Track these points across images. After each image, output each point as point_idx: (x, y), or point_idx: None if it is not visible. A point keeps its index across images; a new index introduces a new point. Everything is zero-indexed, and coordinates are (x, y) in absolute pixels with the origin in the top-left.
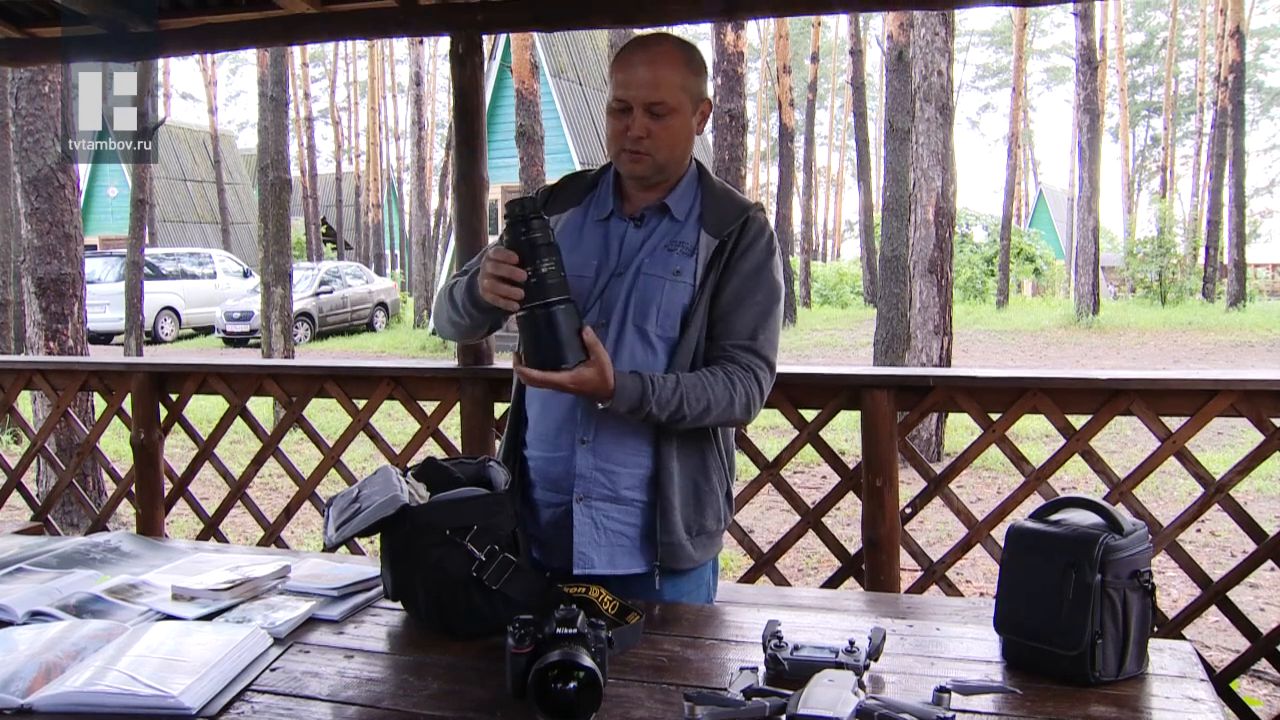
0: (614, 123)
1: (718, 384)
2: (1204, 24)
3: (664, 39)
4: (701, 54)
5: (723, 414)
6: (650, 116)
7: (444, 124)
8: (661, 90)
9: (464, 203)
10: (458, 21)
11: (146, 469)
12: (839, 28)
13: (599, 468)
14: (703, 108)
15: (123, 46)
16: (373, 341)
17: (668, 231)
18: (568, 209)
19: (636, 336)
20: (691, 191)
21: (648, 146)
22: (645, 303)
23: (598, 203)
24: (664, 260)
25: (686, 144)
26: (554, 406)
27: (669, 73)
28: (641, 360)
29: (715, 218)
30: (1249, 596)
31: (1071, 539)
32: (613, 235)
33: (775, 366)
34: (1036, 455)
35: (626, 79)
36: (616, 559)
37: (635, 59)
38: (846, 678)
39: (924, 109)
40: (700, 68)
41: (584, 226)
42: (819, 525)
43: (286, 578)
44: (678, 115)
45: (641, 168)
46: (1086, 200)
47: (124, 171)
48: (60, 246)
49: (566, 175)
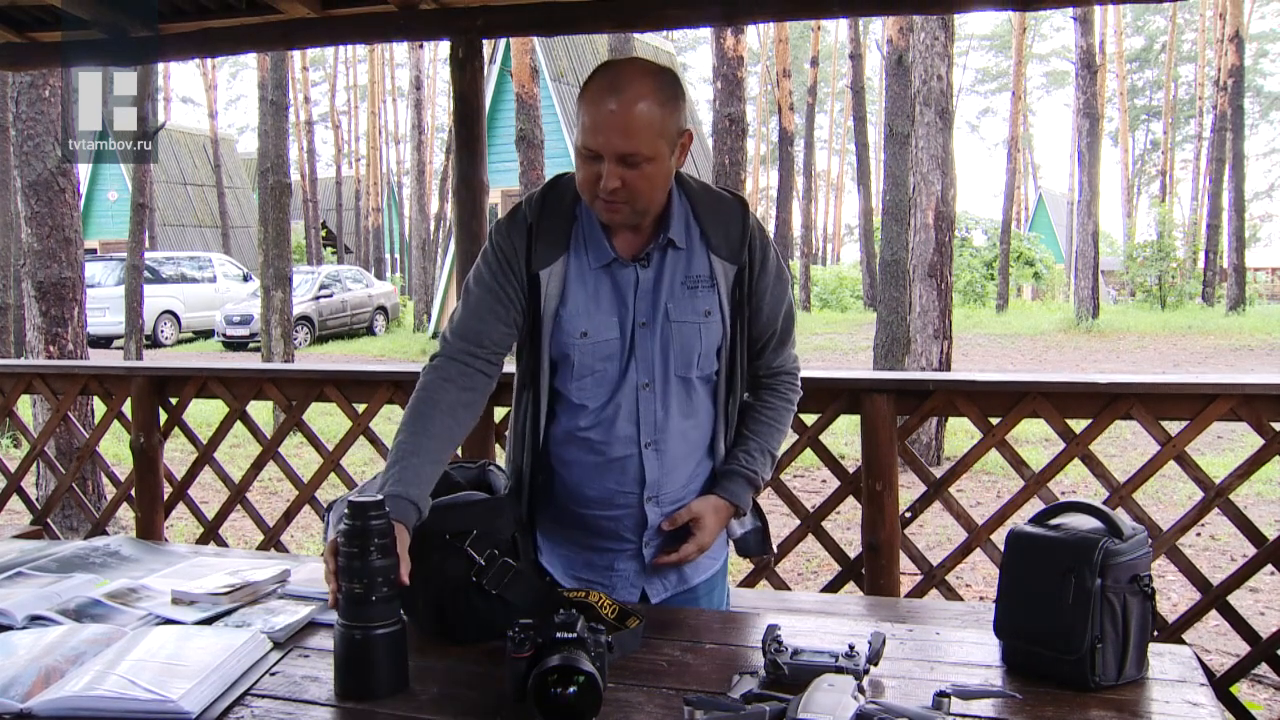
0: (584, 168)
1: (781, 413)
2: (1203, 28)
3: (634, 74)
4: (677, 80)
5: (789, 426)
6: (624, 166)
7: (444, 128)
8: (635, 139)
9: (464, 207)
10: (458, 26)
11: (146, 473)
12: (839, 32)
13: (664, 514)
14: (682, 141)
15: (123, 51)
16: (372, 345)
17: (676, 264)
18: (556, 259)
19: (680, 386)
20: (682, 208)
21: (623, 196)
22: (686, 352)
23: (590, 246)
24: (689, 302)
25: (666, 185)
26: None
27: (643, 118)
28: (688, 406)
29: (720, 237)
30: (1249, 600)
31: (1071, 543)
32: (624, 284)
33: None
34: (1036, 459)
35: (595, 124)
36: (677, 581)
37: (604, 102)
38: (846, 682)
39: (924, 113)
40: (676, 100)
41: (585, 278)
42: (819, 529)
43: (286, 582)
44: (655, 163)
45: (619, 218)
46: (1086, 204)
47: (124, 175)
48: (60, 250)
49: (531, 211)
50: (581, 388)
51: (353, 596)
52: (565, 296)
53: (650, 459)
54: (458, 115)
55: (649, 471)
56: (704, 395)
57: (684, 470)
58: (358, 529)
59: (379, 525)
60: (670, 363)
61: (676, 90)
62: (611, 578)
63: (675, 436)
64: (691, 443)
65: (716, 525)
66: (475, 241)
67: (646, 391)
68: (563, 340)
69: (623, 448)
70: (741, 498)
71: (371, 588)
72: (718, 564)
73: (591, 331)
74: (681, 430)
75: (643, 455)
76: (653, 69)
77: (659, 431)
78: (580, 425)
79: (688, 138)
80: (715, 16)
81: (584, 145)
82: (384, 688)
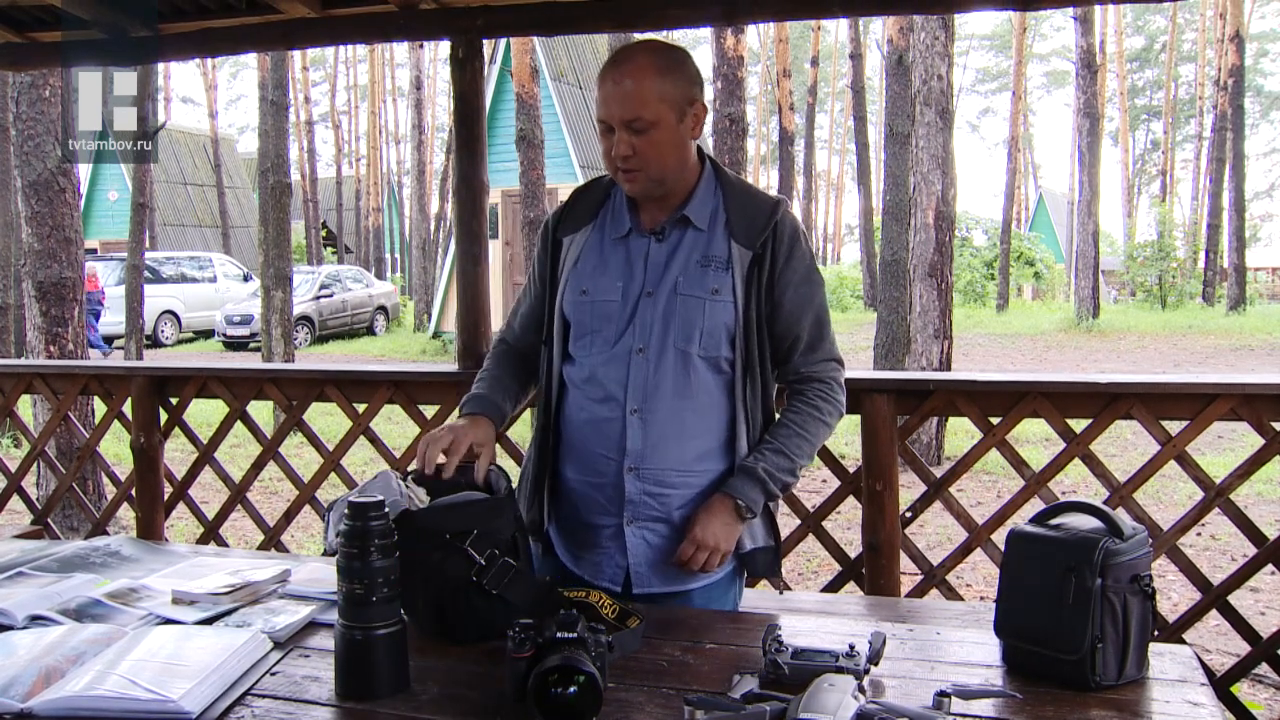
0: (603, 143)
1: (807, 419)
2: (1203, 28)
3: (638, 50)
4: (684, 55)
5: (824, 439)
6: (631, 133)
7: (444, 128)
8: (636, 106)
9: (464, 207)
10: (458, 26)
11: (146, 473)
12: (839, 32)
13: (647, 492)
14: (694, 110)
15: (123, 51)
16: (373, 345)
17: (694, 244)
18: (581, 228)
19: (678, 359)
20: (711, 196)
21: (635, 163)
22: (688, 325)
23: (613, 219)
24: (699, 278)
25: (679, 152)
26: (592, 432)
27: (643, 86)
28: (685, 383)
29: (744, 225)
30: (1249, 600)
31: (1072, 543)
32: (635, 253)
33: (840, 355)
34: (1037, 459)
35: (603, 98)
36: (671, 576)
37: (608, 77)
38: (846, 682)
39: (924, 113)
40: (680, 70)
41: (603, 246)
42: (819, 529)
43: (286, 582)
44: (659, 128)
45: (637, 186)
46: (1086, 204)
47: (124, 175)
48: (60, 250)
49: (575, 191)
50: (581, 347)
51: (353, 597)
52: (580, 260)
53: (634, 426)
54: (458, 115)
55: (630, 439)
56: (710, 380)
57: (674, 451)
58: (358, 529)
59: (379, 526)
60: (670, 333)
61: (679, 62)
62: (598, 556)
63: (665, 411)
64: (687, 426)
65: (715, 522)
66: (475, 241)
67: (640, 357)
68: (569, 299)
69: (609, 409)
70: (743, 492)
71: (372, 588)
72: (716, 574)
73: (592, 290)
74: (674, 408)
75: (626, 420)
76: (656, 46)
77: (647, 400)
78: (577, 384)
79: (700, 107)
80: (715, 16)
81: (597, 119)
82: (384, 688)
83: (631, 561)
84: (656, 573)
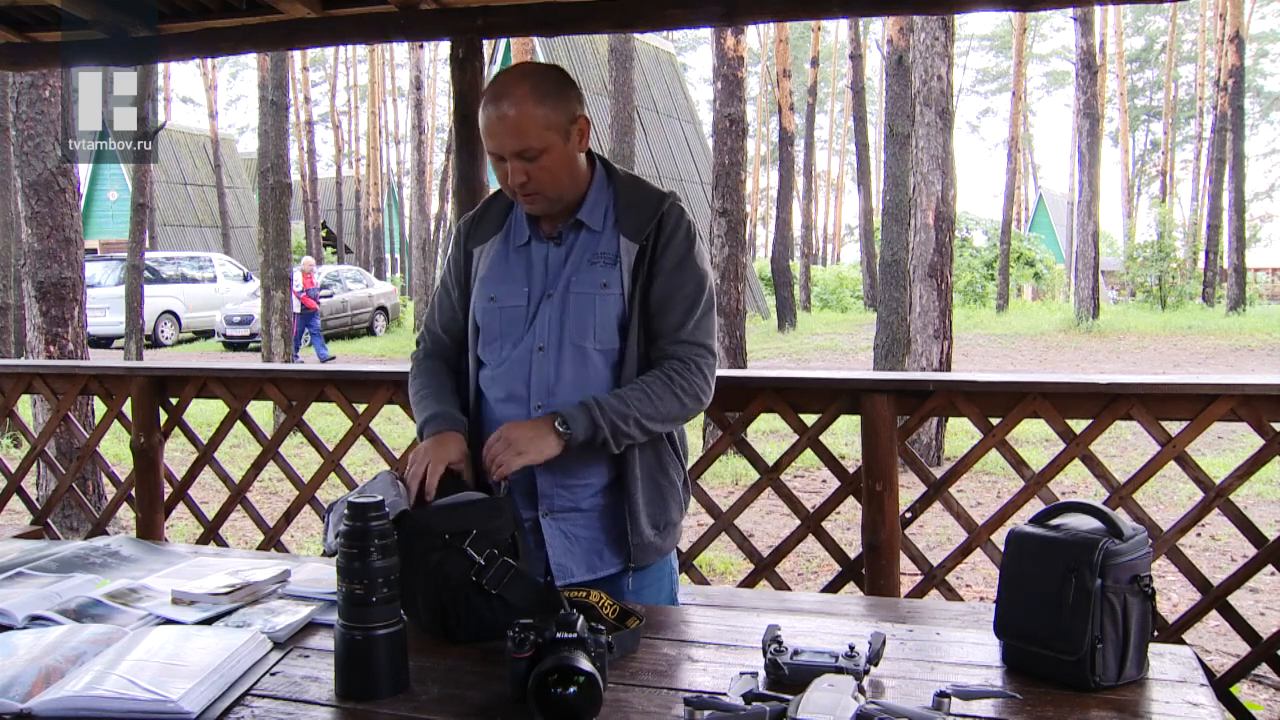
0: (497, 170)
1: (654, 382)
2: (1203, 28)
3: (514, 80)
4: (559, 75)
5: (675, 412)
6: (524, 161)
7: (444, 128)
8: (523, 137)
9: (464, 207)
10: (458, 26)
11: (146, 473)
12: (839, 32)
13: (559, 484)
14: (577, 126)
15: (123, 51)
16: (373, 345)
17: (587, 244)
18: (489, 239)
19: (575, 354)
20: (603, 197)
21: (533, 187)
22: (581, 321)
23: (516, 228)
24: (589, 275)
25: (570, 167)
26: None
27: (526, 117)
28: (583, 376)
29: (631, 220)
30: (1249, 601)
31: (1072, 544)
32: (535, 258)
33: (715, 351)
34: (1036, 459)
35: (488, 130)
36: (593, 564)
37: (491, 110)
38: (846, 682)
39: (924, 113)
40: (558, 93)
41: (508, 255)
42: (819, 530)
43: (286, 582)
44: (549, 153)
45: (537, 206)
46: (1086, 204)
47: (124, 175)
48: (60, 250)
49: (486, 200)
50: (491, 351)
51: (353, 597)
52: (488, 269)
53: None
54: (458, 115)
55: None
56: (603, 369)
57: None
58: (358, 530)
59: (379, 526)
60: (566, 329)
61: (556, 85)
62: None
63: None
64: None
65: (526, 427)
66: None
67: (540, 355)
68: (479, 305)
69: (515, 407)
70: (568, 411)
71: (372, 588)
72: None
73: (500, 297)
74: (573, 400)
75: (531, 416)
76: (530, 70)
77: (549, 395)
78: (488, 387)
79: (583, 121)
80: (715, 16)
81: (488, 151)
82: (384, 688)
83: (550, 553)
84: (578, 563)
